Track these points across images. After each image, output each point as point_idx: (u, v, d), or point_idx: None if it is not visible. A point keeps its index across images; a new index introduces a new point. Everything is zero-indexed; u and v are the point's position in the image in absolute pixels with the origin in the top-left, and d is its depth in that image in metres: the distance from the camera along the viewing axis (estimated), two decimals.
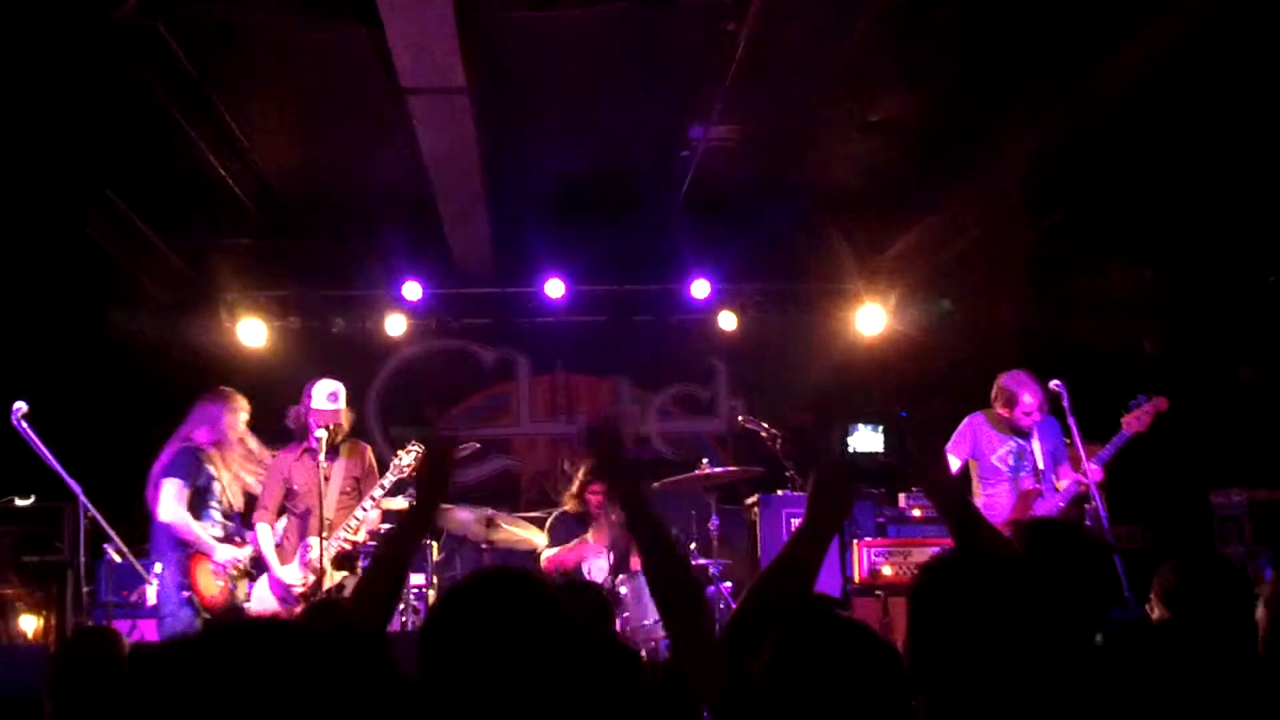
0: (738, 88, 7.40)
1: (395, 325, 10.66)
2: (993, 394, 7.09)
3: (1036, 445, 6.91)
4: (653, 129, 8.59)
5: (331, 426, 7.00)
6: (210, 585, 6.76)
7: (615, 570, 7.83)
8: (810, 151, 8.92)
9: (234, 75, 7.50)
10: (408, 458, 7.05)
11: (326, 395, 7.05)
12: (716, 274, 10.64)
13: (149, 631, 7.41)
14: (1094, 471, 6.66)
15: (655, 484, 8.58)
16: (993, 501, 6.93)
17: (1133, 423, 6.69)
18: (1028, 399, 6.87)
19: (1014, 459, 7.00)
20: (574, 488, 8.30)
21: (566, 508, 8.30)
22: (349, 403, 7.22)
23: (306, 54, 7.24)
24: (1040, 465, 6.89)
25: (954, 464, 6.98)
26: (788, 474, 8.53)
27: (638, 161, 9.19)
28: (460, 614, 2.25)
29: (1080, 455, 6.79)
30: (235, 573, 6.86)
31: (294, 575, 6.96)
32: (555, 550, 8.06)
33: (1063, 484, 6.85)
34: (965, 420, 7.15)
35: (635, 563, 8.08)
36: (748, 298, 10.92)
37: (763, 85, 7.56)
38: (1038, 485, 6.86)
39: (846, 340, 10.97)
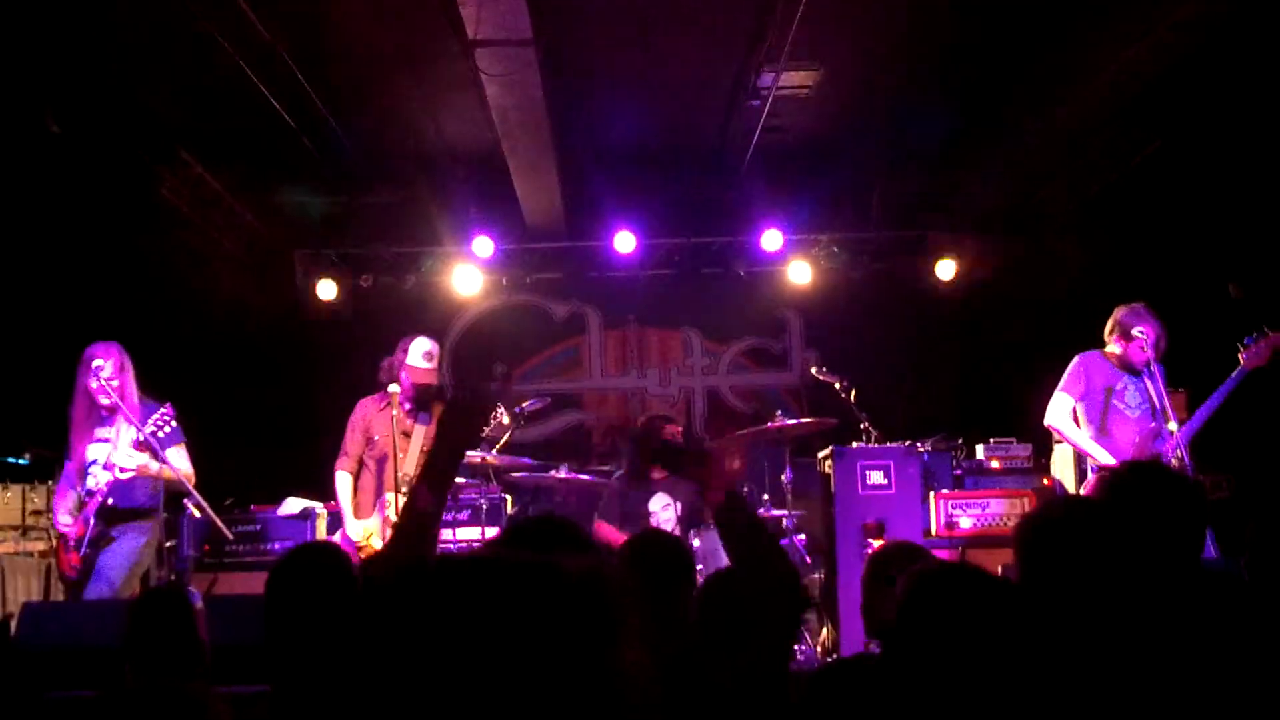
0: (805, 32, 7.28)
1: (467, 281, 10.69)
2: (1108, 328, 6.81)
3: (1149, 384, 6.69)
4: (721, 77, 8.48)
5: (422, 384, 6.98)
6: None
7: (686, 523, 7.78)
8: (880, 96, 8.76)
9: (304, 32, 7.49)
10: None
11: (422, 354, 7.02)
12: (788, 224, 10.53)
13: (231, 584, 7.56)
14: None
15: (727, 437, 8.53)
16: (1114, 440, 6.68)
17: (1252, 358, 6.51)
18: (1146, 332, 6.65)
19: (1130, 396, 6.76)
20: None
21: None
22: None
23: (375, 8, 7.22)
24: (1156, 404, 6.63)
25: (1067, 403, 6.81)
26: (862, 425, 8.42)
27: (706, 111, 9.08)
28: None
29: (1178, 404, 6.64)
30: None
31: (366, 529, 6.98)
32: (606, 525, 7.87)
33: (1172, 425, 6.57)
34: (1076, 359, 6.93)
35: (707, 515, 8.04)
36: (820, 248, 10.80)
37: (831, 28, 7.44)
38: (1156, 424, 6.61)
39: (922, 289, 10.83)
